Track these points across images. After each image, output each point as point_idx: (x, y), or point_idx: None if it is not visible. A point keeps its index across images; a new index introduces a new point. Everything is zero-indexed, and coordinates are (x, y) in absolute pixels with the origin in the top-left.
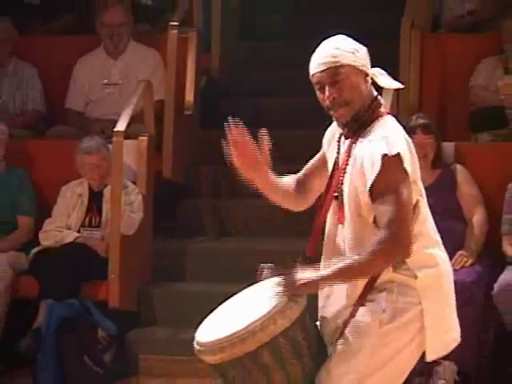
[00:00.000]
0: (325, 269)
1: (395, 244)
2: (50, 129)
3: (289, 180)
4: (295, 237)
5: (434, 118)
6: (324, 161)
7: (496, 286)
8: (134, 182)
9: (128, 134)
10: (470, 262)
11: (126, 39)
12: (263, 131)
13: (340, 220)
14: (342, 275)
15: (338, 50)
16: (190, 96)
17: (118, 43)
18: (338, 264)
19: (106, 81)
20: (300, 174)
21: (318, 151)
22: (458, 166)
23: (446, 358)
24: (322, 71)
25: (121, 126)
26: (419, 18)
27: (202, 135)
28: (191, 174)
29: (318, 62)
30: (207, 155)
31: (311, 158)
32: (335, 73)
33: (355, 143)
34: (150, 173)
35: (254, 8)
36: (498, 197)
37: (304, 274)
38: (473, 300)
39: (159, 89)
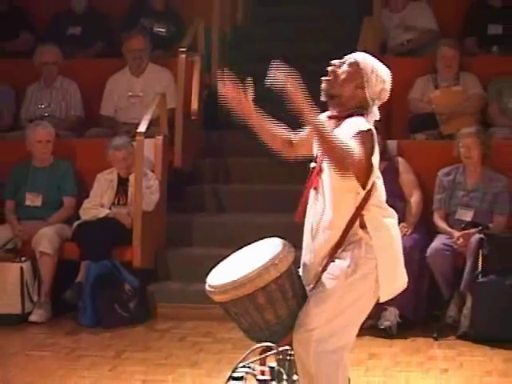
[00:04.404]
0: (322, 125)
1: (353, 166)
2: (87, 130)
3: (282, 129)
4: (280, 212)
5: (381, 121)
6: (312, 137)
7: (429, 250)
8: (153, 171)
9: (147, 134)
10: (409, 231)
11: (146, 61)
12: (249, 80)
13: (315, 186)
14: (322, 137)
15: (361, 57)
16: (195, 105)
17: (139, 64)
18: (328, 132)
19: (130, 93)
20: (292, 133)
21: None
22: (400, 159)
23: (390, 304)
24: (338, 60)
25: (142, 128)
26: (370, 45)
27: (204, 135)
28: (196, 165)
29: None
30: (208, 150)
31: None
32: (342, 63)
33: (337, 127)
34: (164, 163)
35: (244, 37)
36: (431, 182)
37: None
38: (411, 261)
39: (171, 100)
